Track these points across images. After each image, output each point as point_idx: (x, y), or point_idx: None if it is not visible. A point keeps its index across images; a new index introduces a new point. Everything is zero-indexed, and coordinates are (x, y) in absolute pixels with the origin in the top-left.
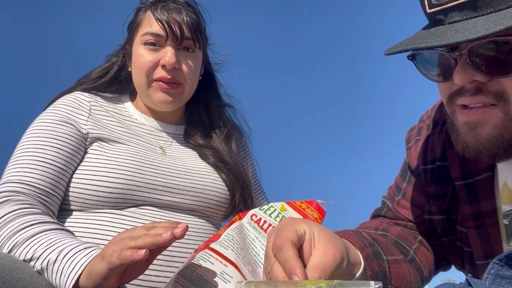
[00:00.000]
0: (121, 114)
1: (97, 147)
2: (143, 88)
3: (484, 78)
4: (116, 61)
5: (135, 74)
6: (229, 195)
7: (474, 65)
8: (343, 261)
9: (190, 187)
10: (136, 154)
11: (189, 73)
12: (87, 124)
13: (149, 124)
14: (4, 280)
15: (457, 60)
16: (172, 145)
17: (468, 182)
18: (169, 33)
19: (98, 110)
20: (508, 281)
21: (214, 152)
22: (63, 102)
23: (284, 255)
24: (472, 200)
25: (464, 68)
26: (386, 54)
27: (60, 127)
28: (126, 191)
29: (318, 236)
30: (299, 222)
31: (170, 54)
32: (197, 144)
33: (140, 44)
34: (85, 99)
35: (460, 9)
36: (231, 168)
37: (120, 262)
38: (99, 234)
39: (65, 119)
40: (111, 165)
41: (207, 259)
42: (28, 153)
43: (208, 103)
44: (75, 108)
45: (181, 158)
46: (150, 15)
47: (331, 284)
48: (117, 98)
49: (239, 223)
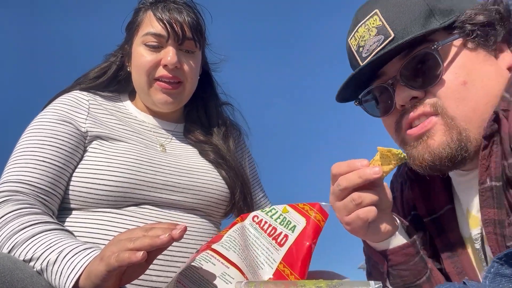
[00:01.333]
0: (121, 112)
1: (97, 145)
2: (144, 89)
3: (420, 94)
4: (114, 61)
5: (135, 74)
6: (229, 192)
7: (408, 85)
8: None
9: (191, 185)
10: (137, 152)
11: (190, 72)
12: (86, 123)
13: (149, 122)
14: (4, 280)
15: (393, 87)
16: (172, 142)
17: (433, 217)
18: (171, 33)
19: (97, 109)
20: (508, 279)
21: (214, 148)
22: (62, 101)
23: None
24: (440, 233)
25: (401, 90)
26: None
27: (59, 126)
28: (127, 189)
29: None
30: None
31: (171, 54)
32: (198, 140)
33: (140, 44)
34: (84, 98)
35: (385, 49)
36: (230, 165)
37: (118, 264)
38: (99, 233)
39: (64, 118)
40: (112, 163)
41: (208, 260)
42: (27, 152)
43: (206, 102)
44: (73, 107)
45: (182, 156)
46: (151, 15)
47: (331, 284)
48: (116, 97)
49: (240, 224)
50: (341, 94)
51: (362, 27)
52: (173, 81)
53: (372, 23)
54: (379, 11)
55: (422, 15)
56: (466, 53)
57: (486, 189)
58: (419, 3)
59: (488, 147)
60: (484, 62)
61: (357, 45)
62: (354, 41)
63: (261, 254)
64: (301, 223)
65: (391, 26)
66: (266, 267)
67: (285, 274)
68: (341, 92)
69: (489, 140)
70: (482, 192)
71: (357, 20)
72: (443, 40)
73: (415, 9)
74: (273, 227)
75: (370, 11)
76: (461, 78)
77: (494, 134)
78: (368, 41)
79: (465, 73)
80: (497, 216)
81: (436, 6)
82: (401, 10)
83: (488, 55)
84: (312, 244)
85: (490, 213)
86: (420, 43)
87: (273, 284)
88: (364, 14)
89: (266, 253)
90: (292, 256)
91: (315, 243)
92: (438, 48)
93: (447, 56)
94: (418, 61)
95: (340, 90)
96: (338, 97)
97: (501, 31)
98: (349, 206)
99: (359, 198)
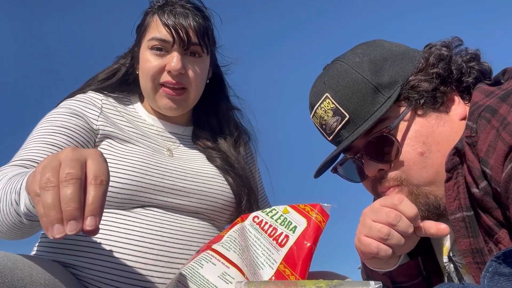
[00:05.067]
0: (131, 115)
1: (106, 145)
2: (149, 93)
3: (385, 166)
4: (124, 63)
5: (141, 78)
6: (234, 199)
7: (373, 159)
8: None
9: (196, 189)
10: (145, 155)
11: (195, 78)
12: (98, 120)
13: (157, 125)
14: (4, 280)
15: (362, 159)
16: (180, 147)
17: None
18: (176, 38)
19: (109, 109)
20: (506, 278)
21: (222, 155)
22: (76, 99)
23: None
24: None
25: (368, 163)
26: (315, 177)
27: (71, 118)
28: (133, 191)
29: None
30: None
31: (176, 60)
32: (205, 146)
33: (146, 49)
34: (97, 98)
35: (345, 127)
36: (238, 173)
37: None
38: (103, 233)
39: (77, 112)
40: (120, 165)
41: (209, 260)
42: (39, 138)
43: (216, 106)
44: (87, 104)
45: (188, 160)
46: (157, 20)
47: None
48: (127, 98)
49: (241, 225)
50: (319, 172)
51: (319, 109)
52: (178, 87)
53: (326, 105)
54: (329, 95)
55: (369, 93)
56: (418, 120)
57: (458, 219)
58: (363, 83)
59: (452, 179)
60: (437, 125)
61: (320, 123)
62: (316, 119)
63: (262, 254)
64: (302, 223)
65: (344, 108)
66: (266, 267)
67: (286, 274)
68: (319, 170)
69: (452, 173)
70: (453, 222)
71: (313, 104)
72: (394, 113)
73: (361, 89)
74: (273, 228)
75: (321, 95)
76: (418, 149)
77: (457, 166)
78: (328, 121)
79: (420, 143)
80: (473, 245)
81: (379, 82)
82: (349, 91)
83: (440, 115)
84: (313, 245)
85: (466, 243)
86: (377, 122)
87: (273, 284)
88: (317, 98)
89: (266, 253)
90: (292, 257)
91: (316, 244)
92: (391, 130)
93: (401, 130)
94: (376, 141)
95: (319, 170)
96: (318, 174)
97: (446, 89)
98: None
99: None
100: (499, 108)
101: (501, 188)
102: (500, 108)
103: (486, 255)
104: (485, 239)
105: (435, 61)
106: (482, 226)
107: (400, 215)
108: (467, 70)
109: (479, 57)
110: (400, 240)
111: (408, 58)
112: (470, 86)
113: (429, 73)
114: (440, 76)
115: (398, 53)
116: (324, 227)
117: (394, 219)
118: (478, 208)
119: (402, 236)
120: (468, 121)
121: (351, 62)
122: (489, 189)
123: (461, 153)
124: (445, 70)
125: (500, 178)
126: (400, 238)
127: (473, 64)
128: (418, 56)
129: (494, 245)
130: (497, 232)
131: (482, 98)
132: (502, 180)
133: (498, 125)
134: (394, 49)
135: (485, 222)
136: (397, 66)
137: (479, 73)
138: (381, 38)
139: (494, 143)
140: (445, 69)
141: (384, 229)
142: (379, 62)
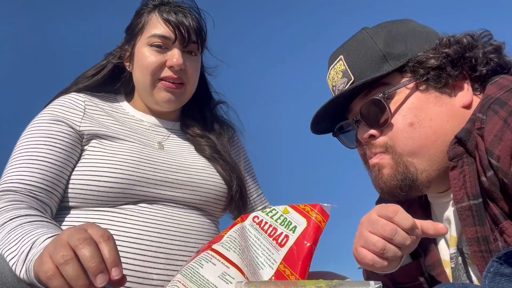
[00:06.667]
0: (118, 112)
1: (95, 144)
2: (147, 88)
3: (376, 132)
4: (111, 60)
5: (138, 74)
6: (226, 188)
7: (367, 124)
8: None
9: (188, 181)
10: (135, 150)
11: (192, 74)
12: (82, 122)
13: (146, 121)
14: (5, 281)
15: (357, 124)
16: (169, 139)
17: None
18: (178, 35)
19: (93, 109)
20: (507, 278)
21: (210, 142)
22: (57, 103)
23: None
24: (422, 255)
25: (361, 128)
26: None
27: (52, 126)
28: (126, 186)
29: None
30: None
31: (178, 56)
32: (195, 134)
33: (145, 45)
34: (79, 99)
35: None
36: (226, 159)
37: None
38: None
39: (57, 118)
40: (110, 162)
41: (209, 260)
42: (22, 153)
43: (201, 102)
44: (69, 108)
45: (179, 153)
46: (157, 17)
47: (331, 284)
48: (112, 97)
49: (241, 225)
50: (318, 126)
51: (332, 70)
52: (177, 82)
53: (338, 67)
54: (343, 57)
55: (377, 60)
56: (417, 94)
57: (464, 208)
58: (374, 50)
59: (458, 168)
60: (435, 103)
61: (331, 85)
62: (329, 81)
63: (262, 254)
64: (302, 223)
65: (351, 70)
66: (266, 267)
67: (286, 274)
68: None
69: (456, 162)
70: (460, 211)
71: (329, 64)
72: (396, 82)
73: (371, 55)
74: (273, 228)
75: (337, 57)
76: (408, 119)
77: (461, 155)
78: (337, 82)
79: (413, 115)
80: (480, 233)
81: (389, 52)
82: (360, 56)
83: (440, 96)
84: (313, 245)
85: (472, 231)
86: (377, 86)
87: (273, 284)
88: (333, 59)
89: (266, 253)
90: (292, 257)
91: (316, 244)
92: (385, 95)
93: (397, 99)
94: (371, 105)
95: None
96: (316, 128)
97: (455, 72)
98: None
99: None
100: (508, 100)
101: (509, 180)
102: (510, 100)
103: (491, 243)
104: (491, 227)
105: (449, 43)
106: (489, 214)
107: (396, 228)
108: (483, 60)
109: (501, 49)
110: (396, 252)
111: (428, 38)
112: (486, 77)
113: (439, 51)
114: (449, 57)
115: (420, 32)
116: (324, 227)
117: (389, 233)
118: (486, 197)
119: (399, 248)
120: (478, 113)
121: (372, 31)
122: (495, 179)
123: (463, 142)
124: (457, 53)
125: (507, 169)
126: (396, 251)
127: (492, 56)
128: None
129: (499, 234)
130: (502, 222)
131: (495, 92)
132: (511, 172)
133: (506, 115)
134: (418, 29)
135: (492, 210)
136: (413, 42)
137: (496, 65)
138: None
139: (500, 133)
140: (457, 52)
141: (380, 244)
142: (397, 36)
